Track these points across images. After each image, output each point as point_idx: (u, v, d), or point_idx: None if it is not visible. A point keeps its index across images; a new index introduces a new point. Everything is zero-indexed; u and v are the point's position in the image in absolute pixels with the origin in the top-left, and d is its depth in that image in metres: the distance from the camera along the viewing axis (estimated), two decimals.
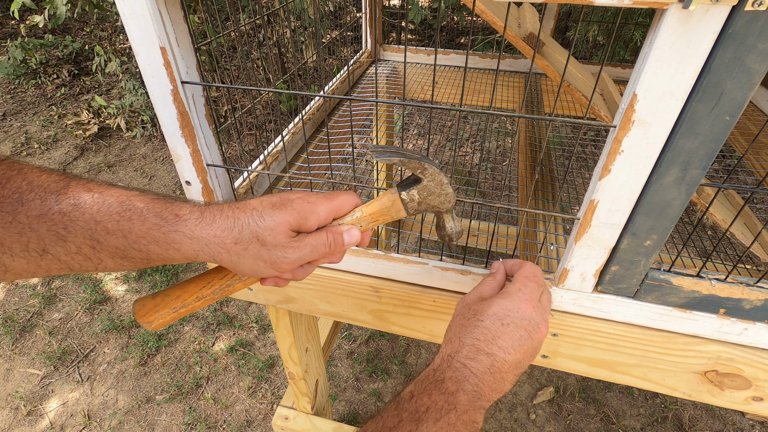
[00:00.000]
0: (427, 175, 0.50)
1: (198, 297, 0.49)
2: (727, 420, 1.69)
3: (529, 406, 1.74)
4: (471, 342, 0.48)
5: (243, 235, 0.43)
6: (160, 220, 0.41)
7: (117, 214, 0.40)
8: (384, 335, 1.99)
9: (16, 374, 1.84)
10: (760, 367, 0.61)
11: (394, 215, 0.51)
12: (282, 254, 0.44)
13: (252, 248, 0.43)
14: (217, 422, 1.68)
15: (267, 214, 0.44)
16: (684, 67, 0.41)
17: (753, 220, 0.83)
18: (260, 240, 0.43)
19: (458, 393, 0.45)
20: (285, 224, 0.44)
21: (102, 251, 0.41)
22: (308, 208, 0.46)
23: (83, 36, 4.56)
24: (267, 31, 3.07)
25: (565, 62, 0.47)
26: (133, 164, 3.04)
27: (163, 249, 0.42)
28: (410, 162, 0.49)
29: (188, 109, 0.58)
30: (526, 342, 0.48)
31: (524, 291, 0.51)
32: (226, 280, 0.50)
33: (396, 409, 0.45)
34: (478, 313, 0.50)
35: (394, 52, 1.42)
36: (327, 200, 0.48)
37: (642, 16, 2.58)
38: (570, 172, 1.00)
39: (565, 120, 0.48)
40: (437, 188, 0.51)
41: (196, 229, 0.42)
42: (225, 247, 0.43)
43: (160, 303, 0.49)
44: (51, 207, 0.38)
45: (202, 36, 3.19)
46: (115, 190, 0.41)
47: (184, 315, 0.50)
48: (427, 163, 0.49)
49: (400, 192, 0.51)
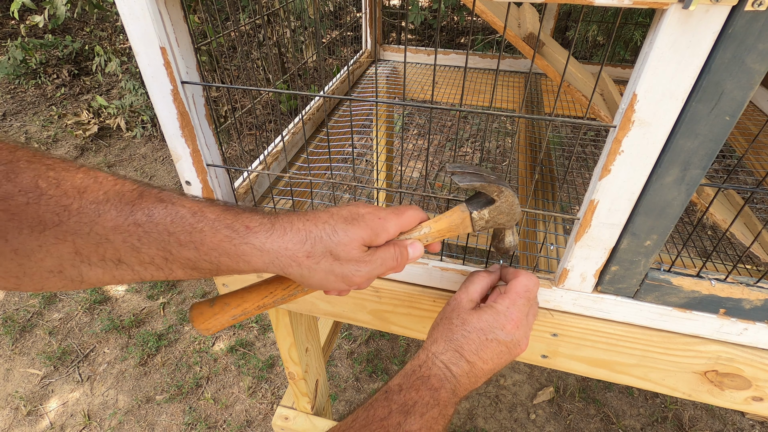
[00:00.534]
0: (502, 198, 0.51)
1: (259, 306, 0.50)
2: (727, 420, 1.69)
3: (529, 406, 1.74)
4: (455, 348, 0.52)
5: (316, 249, 0.43)
6: (231, 232, 0.41)
7: (189, 226, 0.40)
8: (384, 335, 1.99)
9: (16, 374, 1.84)
10: (760, 367, 0.61)
11: (461, 231, 0.53)
12: (355, 268, 0.45)
13: (324, 262, 0.44)
14: (217, 422, 1.68)
15: (340, 228, 0.44)
16: (684, 67, 0.41)
17: (753, 220, 0.83)
18: (333, 255, 0.44)
19: (441, 390, 0.48)
20: (359, 240, 0.45)
21: (174, 262, 0.41)
22: (379, 225, 0.47)
23: (83, 36, 4.56)
24: (267, 31, 3.07)
25: (565, 62, 0.47)
26: (133, 164, 3.04)
27: (233, 261, 0.42)
28: (489, 186, 0.50)
29: (188, 109, 0.58)
30: (505, 356, 0.52)
31: (512, 310, 0.53)
32: (289, 291, 0.50)
33: (386, 399, 0.48)
34: (466, 323, 0.53)
35: (394, 52, 1.42)
36: (396, 216, 0.49)
37: (642, 16, 2.58)
38: (570, 172, 1.00)
39: (565, 120, 0.48)
40: (508, 208, 0.52)
41: (267, 242, 0.42)
42: (297, 260, 0.43)
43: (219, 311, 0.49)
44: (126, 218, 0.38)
45: (202, 36, 3.19)
46: (187, 201, 0.42)
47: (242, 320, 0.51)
48: (504, 186, 0.50)
49: (472, 211, 0.52)
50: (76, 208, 0.36)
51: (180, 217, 0.40)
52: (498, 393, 1.78)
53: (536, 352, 0.71)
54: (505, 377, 1.84)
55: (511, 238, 0.56)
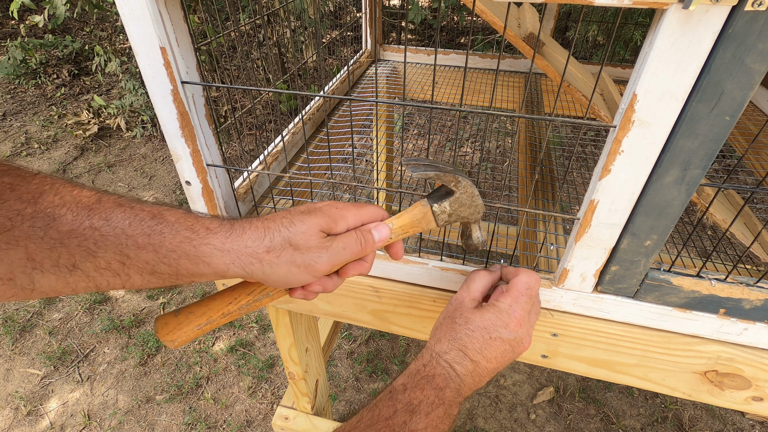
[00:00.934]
0: (460, 188, 0.50)
1: (224, 313, 0.49)
2: (727, 420, 1.69)
3: (529, 406, 1.74)
4: (459, 347, 0.51)
5: (275, 243, 0.43)
6: (191, 233, 0.41)
7: (149, 228, 0.40)
8: (384, 335, 1.99)
9: (16, 374, 1.84)
10: (760, 367, 0.61)
11: (424, 227, 0.52)
12: (316, 255, 0.45)
13: (285, 254, 0.44)
14: (217, 422, 1.68)
15: (297, 219, 0.45)
16: (684, 67, 0.41)
17: (753, 220, 0.83)
18: (293, 244, 0.44)
19: (446, 389, 0.48)
20: (316, 226, 0.45)
21: (131, 267, 0.40)
22: (337, 213, 0.47)
23: (83, 36, 4.56)
24: (267, 31, 3.07)
25: (565, 62, 0.47)
26: (133, 164, 3.04)
27: (193, 263, 0.42)
28: (445, 176, 0.49)
29: (188, 109, 0.58)
30: (508, 354, 0.52)
31: (514, 307, 0.53)
32: (253, 295, 0.49)
33: (390, 399, 0.47)
34: (469, 321, 0.53)
35: (394, 52, 1.42)
36: (355, 208, 0.49)
37: (642, 16, 2.58)
38: (570, 172, 1.00)
39: (565, 120, 0.48)
40: (468, 200, 0.52)
41: (227, 241, 0.42)
42: (257, 256, 0.43)
43: (183, 321, 0.48)
44: (82, 222, 0.38)
45: (202, 36, 3.19)
46: (146, 205, 0.41)
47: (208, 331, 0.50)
48: (461, 176, 0.50)
49: (432, 204, 0.51)
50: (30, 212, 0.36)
51: (139, 220, 0.40)
52: (498, 393, 1.78)
53: (536, 352, 0.71)
54: (505, 377, 1.84)
55: (479, 233, 0.56)
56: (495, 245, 1.65)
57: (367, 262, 0.51)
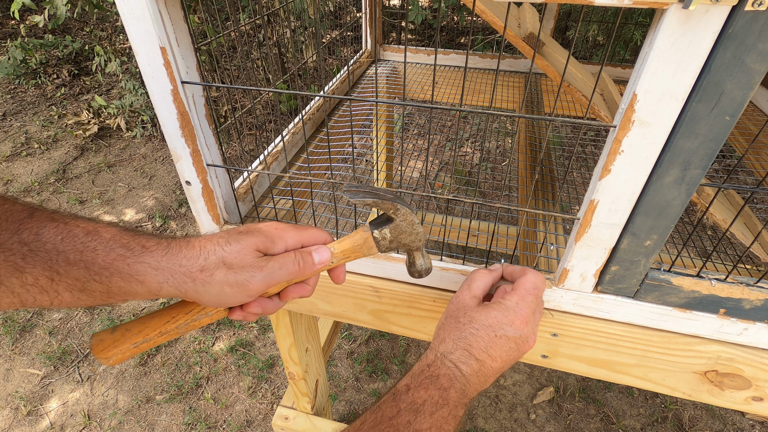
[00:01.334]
0: (399, 215, 0.51)
1: (161, 332, 0.48)
2: (727, 420, 1.69)
3: (529, 406, 1.74)
4: (464, 346, 0.50)
5: (209, 262, 0.43)
6: (125, 251, 0.41)
7: (81, 245, 0.39)
8: (384, 335, 1.99)
9: (16, 374, 1.84)
10: (760, 367, 0.61)
11: (365, 252, 0.53)
12: (249, 274, 0.44)
13: (218, 273, 0.43)
14: (217, 422, 1.68)
15: (233, 239, 0.44)
16: (684, 67, 0.41)
17: (753, 220, 0.83)
18: (227, 264, 0.43)
19: (450, 390, 0.47)
20: (251, 246, 0.44)
21: (60, 283, 0.39)
22: (276, 233, 0.47)
23: (83, 36, 4.56)
24: (267, 31, 3.07)
25: (565, 62, 0.48)
26: (133, 164, 3.04)
27: (125, 281, 0.41)
28: (383, 203, 0.50)
29: (188, 109, 0.58)
30: (514, 353, 0.51)
31: (521, 305, 0.52)
32: (191, 315, 0.48)
33: (394, 400, 0.47)
34: (474, 320, 0.52)
35: (394, 52, 1.42)
36: (296, 230, 0.49)
37: (642, 16, 2.58)
38: (570, 172, 1.00)
39: (565, 120, 0.48)
40: (408, 227, 0.52)
41: (162, 260, 0.42)
42: (191, 275, 0.42)
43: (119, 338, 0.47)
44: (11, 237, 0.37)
45: (202, 36, 3.19)
46: (81, 221, 0.41)
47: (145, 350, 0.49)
48: (400, 203, 0.50)
49: (373, 230, 0.52)
50: None
51: (72, 236, 0.39)
52: (498, 393, 1.78)
53: (536, 352, 0.71)
54: (505, 377, 1.84)
55: (422, 260, 0.56)
56: (495, 245, 1.64)
57: (309, 285, 0.50)
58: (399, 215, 0.51)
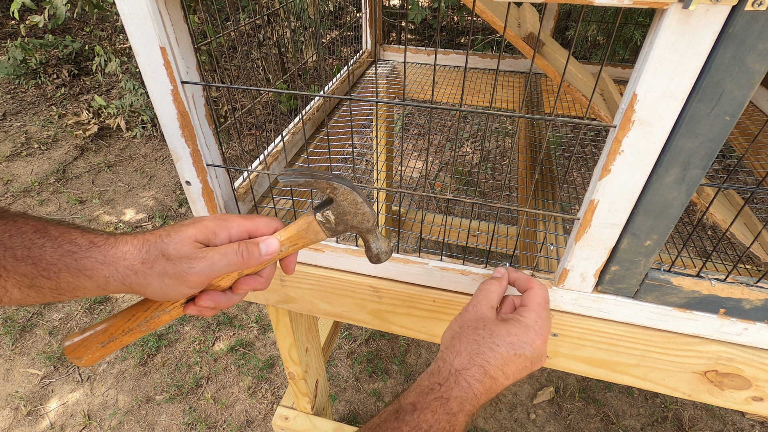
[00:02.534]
0: (337, 194, 0.49)
1: (124, 330, 0.49)
2: (727, 420, 1.69)
3: (529, 406, 1.74)
4: (481, 363, 0.48)
5: (150, 254, 0.43)
6: (73, 247, 0.41)
7: (29, 241, 0.40)
8: (384, 335, 1.99)
9: (16, 374, 1.84)
10: (760, 367, 0.61)
11: (312, 238, 0.51)
12: (187, 265, 0.44)
13: (158, 265, 0.43)
14: (217, 422, 1.68)
15: (174, 231, 0.45)
16: (684, 67, 0.41)
17: (753, 220, 0.83)
18: (165, 255, 0.43)
19: (459, 414, 0.45)
20: (190, 237, 0.44)
21: (8, 279, 0.40)
22: (218, 224, 0.46)
23: (83, 36, 4.56)
24: (267, 31, 3.07)
25: (565, 62, 0.47)
26: (133, 164, 3.04)
27: (74, 276, 0.41)
28: (317, 182, 0.48)
29: (188, 109, 0.58)
30: (527, 371, 0.50)
31: (540, 324, 0.51)
32: (150, 312, 0.49)
33: (397, 420, 0.44)
34: (495, 335, 0.50)
35: (394, 52, 1.42)
36: (242, 219, 0.48)
37: (642, 16, 2.58)
38: (570, 172, 1.00)
39: (565, 120, 0.48)
40: (351, 208, 0.50)
41: (108, 254, 0.42)
42: (133, 268, 0.43)
43: (88, 339, 0.48)
44: None
45: (202, 36, 3.19)
46: (32, 219, 0.41)
47: (115, 349, 0.49)
48: (337, 182, 0.48)
49: (316, 213, 0.50)
50: None
51: (20, 233, 0.40)
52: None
53: None
54: None
55: (377, 243, 0.54)
56: (495, 245, 1.64)
57: (262, 277, 0.50)
58: (338, 194, 0.49)
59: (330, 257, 0.72)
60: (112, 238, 0.44)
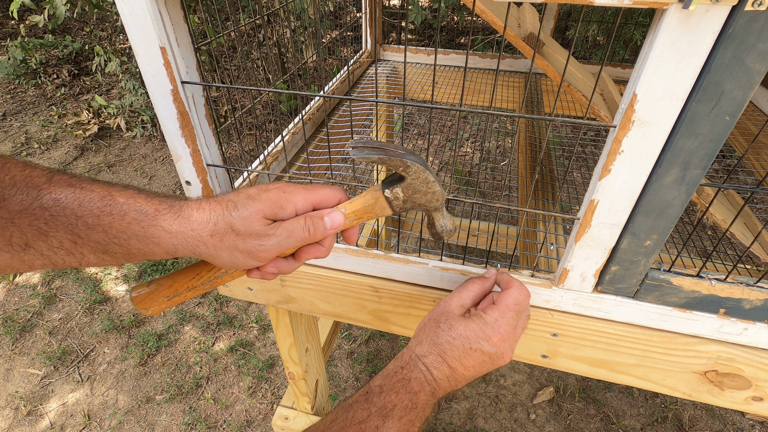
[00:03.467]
0: (410, 173, 0.48)
1: (188, 287, 0.50)
2: (727, 420, 1.69)
3: (529, 406, 1.74)
4: (439, 352, 0.52)
5: (218, 227, 0.43)
6: (139, 215, 0.42)
7: (98, 209, 0.41)
8: (384, 335, 1.99)
9: (16, 374, 1.84)
10: (760, 367, 0.61)
11: (378, 213, 0.50)
12: (257, 242, 0.44)
13: (227, 239, 0.44)
14: (217, 422, 1.68)
15: (241, 204, 0.44)
16: (684, 67, 0.41)
17: (753, 220, 0.83)
18: (234, 230, 0.44)
19: (420, 393, 0.49)
20: (258, 213, 0.44)
21: (83, 246, 0.41)
22: (284, 197, 0.46)
23: (83, 36, 4.56)
24: (267, 31, 3.07)
25: (565, 62, 0.48)
26: (133, 164, 3.04)
27: (143, 244, 0.42)
28: (391, 160, 0.47)
29: (188, 109, 0.58)
30: (487, 365, 0.53)
31: (500, 322, 0.53)
32: (213, 272, 0.50)
33: (366, 401, 0.48)
34: (452, 329, 0.53)
35: (394, 52, 1.42)
36: (306, 191, 0.48)
37: (642, 16, 2.58)
38: (570, 172, 1.00)
39: (565, 120, 0.48)
40: (423, 186, 0.49)
41: (174, 224, 0.43)
42: (202, 240, 0.43)
43: (154, 291, 0.50)
44: (33, 202, 0.38)
45: (202, 36, 3.19)
46: (97, 186, 0.42)
47: (178, 303, 0.51)
48: (411, 160, 0.47)
49: (384, 189, 0.49)
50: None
51: (88, 201, 0.40)
52: (498, 393, 1.78)
53: (536, 352, 0.71)
54: (505, 377, 1.84)
55: (443, 221, 0.53)
56: (495, 245, 1.64)
57: (323, 246, 0.50)
58: (410, 173, 0.48)
59: (330, 257, 0.72)
60: (177, 205, 0.43)
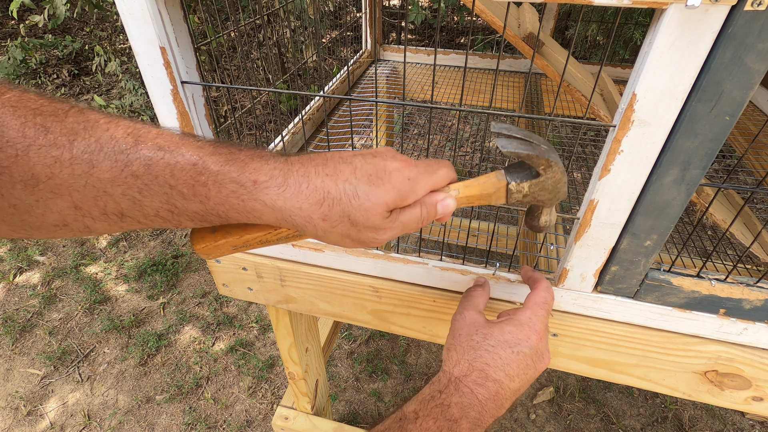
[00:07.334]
0: (549, 173, 0.45)
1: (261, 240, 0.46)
2: (727, 420, 1.69)
3: (529, 406, 1.74)
4: (481, 367, 0.47)
5: (333, 213, 0.39)
6: (237, 187, 0.37)
7: (191, 179, 0.36)
8: (384, 335, 1.99)
9: (16, 374, 1.84)
10: (760, 367, 0.61)
11: (492, 201, 0.47)
12: (373, 235, 0.41)
13: (341, 226, 0.40)
14: (217, 422, 1.68)
15: (362, 191, 0.39)
16: (684, 66, 0.41)
17: (753, 220, 0.83)
18: (352, 220, 0.39)
19: (461, 420, 0.44)
20: (382, 206, 0.40)
21: (181, 215, 0.38)
22: (408, 187, 0.41)
23: (83, 36, 4.56)
24: (267, 31, 3.07)
25: (565, 62, 0.48)
26: None
27: (243, 216, 0.39)
28: (537, 158, 0.43)
29: (188, 109, 0.58)
30: (530, 371, 0.49)
31: (534, 320, 0.50)
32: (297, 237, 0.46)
33: (400, 428, 0.44)
34: (489, 336, 0.49)
35: (394, 52, 1.42)
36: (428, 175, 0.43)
37: (642, 16, 2.58)
38: (570, 172, 1.00)
39: (565, 120, 0.48)
40: (553, 186, 0.46)
41: (278, 200, 0.38)
42: (312, 222, 0.39)
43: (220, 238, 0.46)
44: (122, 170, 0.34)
45: (202, 36, 3.19)
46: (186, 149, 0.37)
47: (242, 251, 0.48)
48: (554, 160, 0.44)
49: (510, 182, 0.45)
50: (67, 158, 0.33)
51: (180, 169, 0.36)
52: None
53: None
54: None
55: (548, 217, 0.50)
56: (495, 245, 1.65)
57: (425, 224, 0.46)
58: (549, 173, 0.44)
59: (330, 257, 0.72)
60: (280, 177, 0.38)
